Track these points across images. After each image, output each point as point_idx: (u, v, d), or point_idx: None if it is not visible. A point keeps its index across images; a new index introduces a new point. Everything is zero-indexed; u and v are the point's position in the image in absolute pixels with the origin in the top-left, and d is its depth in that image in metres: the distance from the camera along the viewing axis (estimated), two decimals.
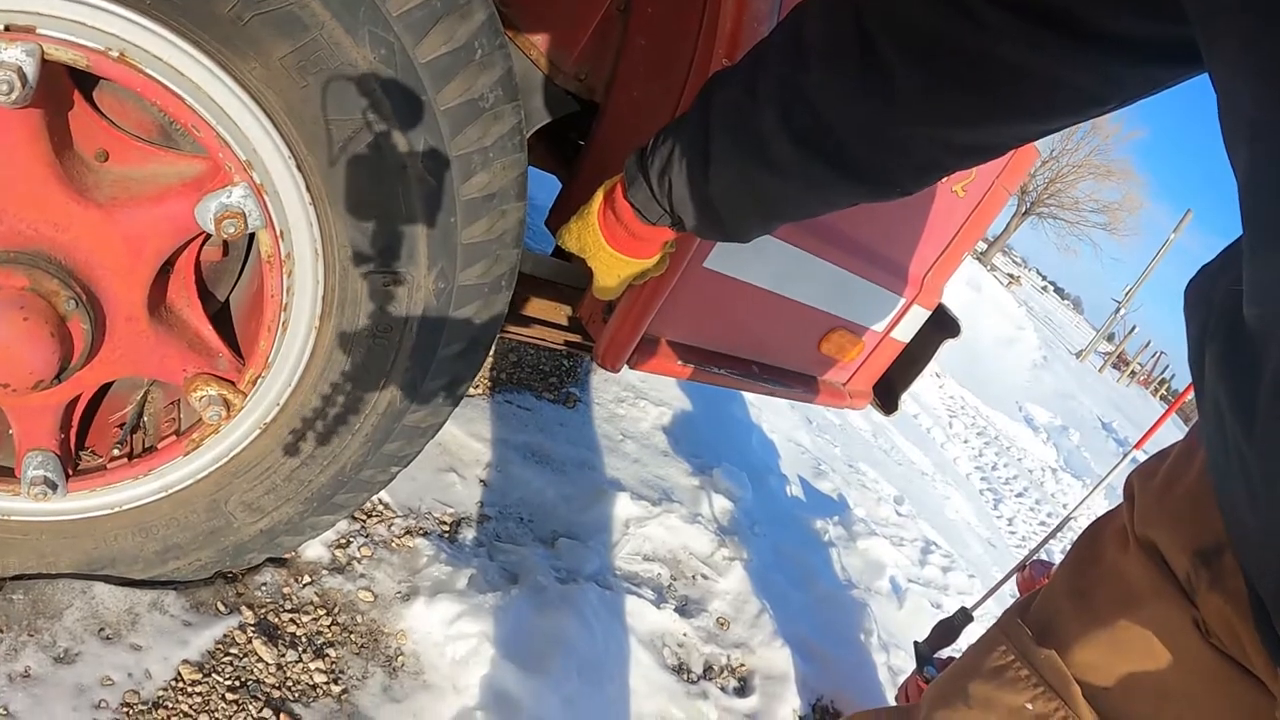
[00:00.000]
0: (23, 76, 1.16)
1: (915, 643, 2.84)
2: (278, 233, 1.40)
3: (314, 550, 2.15)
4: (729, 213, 1.23)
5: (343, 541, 2.25)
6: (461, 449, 2.93)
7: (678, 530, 3.15)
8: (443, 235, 1.45)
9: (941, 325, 2.55)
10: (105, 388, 1.75)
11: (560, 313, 2.19)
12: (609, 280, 1.50)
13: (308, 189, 1.36)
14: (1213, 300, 0.90)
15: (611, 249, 1.42)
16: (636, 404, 4.05)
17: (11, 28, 1.15)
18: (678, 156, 1.22)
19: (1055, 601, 1.17)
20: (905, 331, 2.50)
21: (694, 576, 3.04)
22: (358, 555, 2.24)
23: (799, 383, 2.39)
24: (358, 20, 1.22)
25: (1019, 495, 9.23)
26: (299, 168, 1.33)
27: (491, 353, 3.46)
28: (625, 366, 1.89)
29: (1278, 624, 0.82)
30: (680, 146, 1.22)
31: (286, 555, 2.09)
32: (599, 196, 1.42)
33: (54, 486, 1.57)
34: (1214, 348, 0.88)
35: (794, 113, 1.08)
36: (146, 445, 1.73)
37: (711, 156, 1.17)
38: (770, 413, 5.01)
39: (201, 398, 1.54)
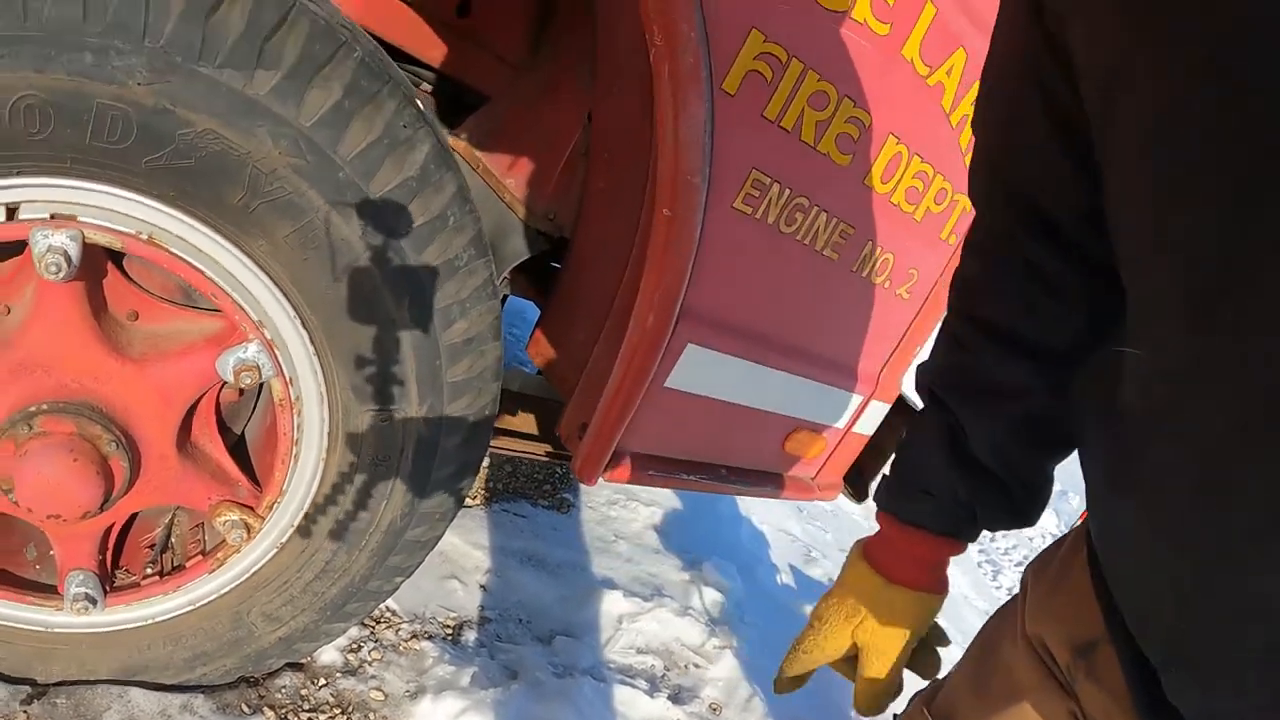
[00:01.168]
0: (68, 258, 1.37)
1: (894, 715, 2.93)
2: (287, 380, 1.60)
3: (328, 655, 2.27)
4: (1004, 470, 1.15)
5: (354, 646, 2.38)
6: (462, 557, 3.10)
7: (669, 623, 3.23)
8: (430, 376, 1.65)
9: (903, 414, 2.69)
10: (135, 513, 1.93)
11: (547, 427, 2.38)
12: (892, 648, 1.24)
13: (312, 342, 1.56)
14: (1092, 373, 1.01)
15: (898, 584, 1.22)
16: (628, 505, 4.14)
17: (56, 216, 1.37)
18: (937, 450, 1.17)
19: (955, 691, 1.23)
20: (868, 424, 2.63)
21: (686, 666, 3.12)
22: (368, 658, 2.36)
23: (767, 480, 2.52)
24: (357, 204, 1.44)
25: (1019, 565, 9.10)
26: (304, 325, 1.54)
27: (488, 465, 3.59)
28: (601, 479, 2.04)
29: (1168, 686, 0.85)
30: (934, 442, 1.18)
31: (303, 660, 2.21)
32: (853, 558, 1.29)
33: (94, 602, 1.74)
34: (1094, 408, 0.98)
35: (992, 342, 1.12)
36: (175, 564, 1.89)
37: (964, 427, 1.14)
38: (760, 505, 5.08)
39: (225, 522, 1.72)
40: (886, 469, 2.78)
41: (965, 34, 2.00)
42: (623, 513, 4.07)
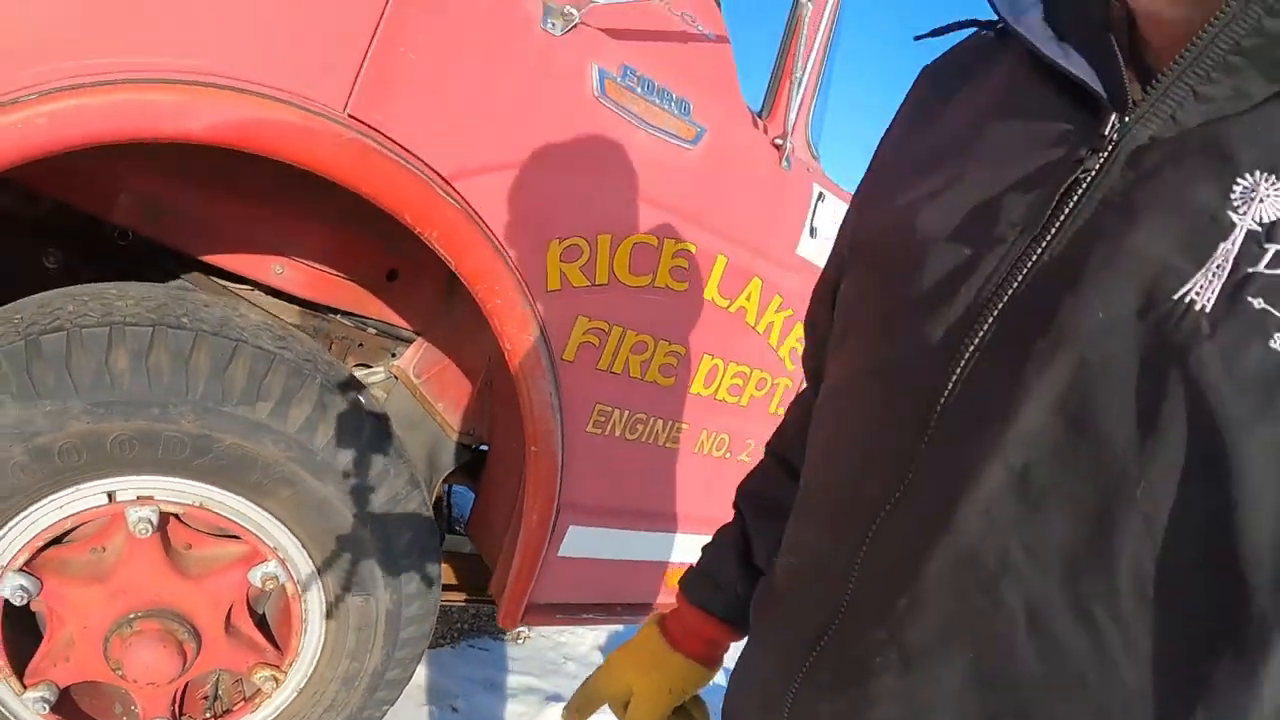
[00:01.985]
0: (151, 523, 2.15)
1: None
2: (296, 582, 2.37)
3: None
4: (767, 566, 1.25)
5: None
6: (435, 687, 3.61)
7: None
8: (392, 569, 2.40)
9: None
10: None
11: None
12: (659, 701, 1.33)
13: (311, 558, 2.33)
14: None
15: (677, 650, 1.33)
16: (576, 632, 4.60)
17: (141, 497, 2.14)
18: (730, 552, 1.32)
19: None
20: None
21: None
22: None
23: (660, 610, 3.06)
24: (329, 473, 2.23)
25: None
26: (304, 547, 2.31)
27: (456, 610, 4.20)
28: (521, 626, 2.68)
29: None
30: (729, 544, 1.33)
31: None
32: (649, 622, 1.41)
33: None
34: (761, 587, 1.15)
35: (785, 474, 1.29)
36: (224, 709, 2.60)
37: (754, 537, 1.29)
38: None
39: (259, 676, 2.45)
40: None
41: (757, 266, 2.62)
42: (571, 638, 4.53)
